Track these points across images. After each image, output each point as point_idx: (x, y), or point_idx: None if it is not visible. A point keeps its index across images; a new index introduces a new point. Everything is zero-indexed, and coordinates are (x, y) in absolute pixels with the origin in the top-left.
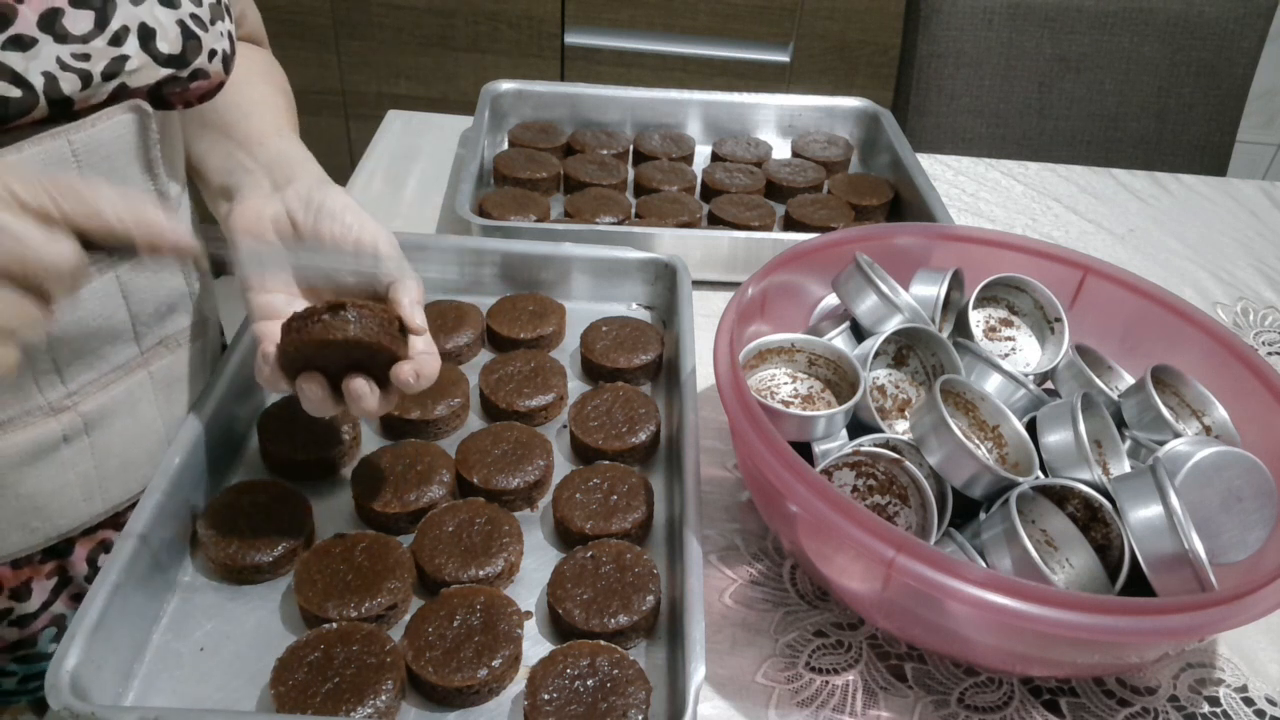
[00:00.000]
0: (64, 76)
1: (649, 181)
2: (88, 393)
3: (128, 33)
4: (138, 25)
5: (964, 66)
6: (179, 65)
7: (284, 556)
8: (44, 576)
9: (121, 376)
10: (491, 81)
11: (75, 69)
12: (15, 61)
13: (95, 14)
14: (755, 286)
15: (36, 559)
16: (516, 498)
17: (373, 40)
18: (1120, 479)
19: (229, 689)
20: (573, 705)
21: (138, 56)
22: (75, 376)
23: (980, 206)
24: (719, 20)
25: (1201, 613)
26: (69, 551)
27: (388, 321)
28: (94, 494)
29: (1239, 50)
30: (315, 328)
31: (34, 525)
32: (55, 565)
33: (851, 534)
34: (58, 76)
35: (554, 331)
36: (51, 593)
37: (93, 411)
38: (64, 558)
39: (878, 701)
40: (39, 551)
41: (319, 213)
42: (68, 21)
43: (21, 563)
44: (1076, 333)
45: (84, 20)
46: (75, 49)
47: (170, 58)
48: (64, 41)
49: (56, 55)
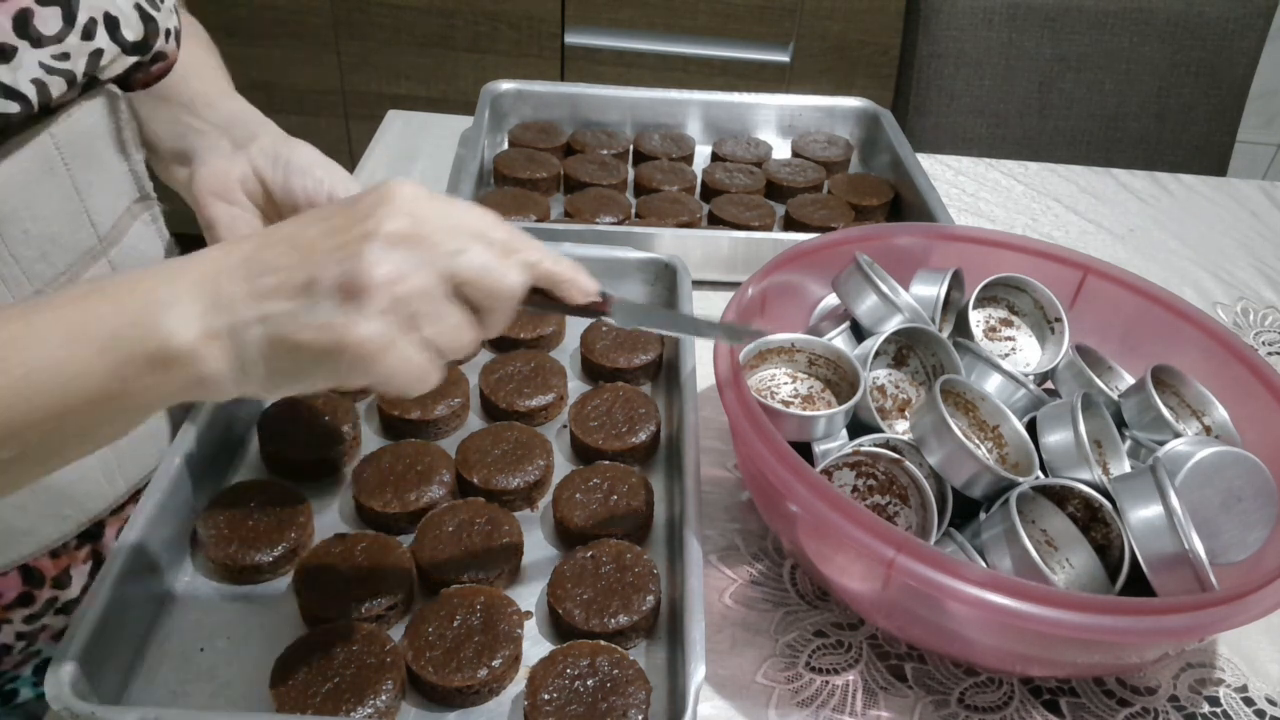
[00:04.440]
0: (52, 81)
1: (649, 181)
2: None
3: (95, 25)
4: (103, 15)
5: (964, 66)
6: (143, 51)
7: (284, 556)
8: (80, 562)
9: None
10: (491, 81)
11: (59, 70)
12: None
13: (61, 9)
14: (755, 286)
15: (72, 545)
16: (516, 498)
17: (373, 40)
18: (1120, 479)
19: (229, 689)
20: (573, 705)
21: (109, 49)
22: None
23: (980, 206)
24: (719, 20)
25: (1201, 613)
26: (100, 534)
27: None
28: (114, 475)
29: (1239, 50)
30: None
31: (66, 513)
32: (89, 550)
33: (851, 534)
34: (46, 82)
35: (554, 331)
36: (90, 576)
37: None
38: (96, 540)
39: (878, 701)
40: (73, 538)
41: (288, 168)
42: (39, 22)
43: (59, 551)
44: (1076, 333)
45: (53, 18)
46: (54, 50)
47: (134, 45)
48: (40, 45)
49: (39, 60)
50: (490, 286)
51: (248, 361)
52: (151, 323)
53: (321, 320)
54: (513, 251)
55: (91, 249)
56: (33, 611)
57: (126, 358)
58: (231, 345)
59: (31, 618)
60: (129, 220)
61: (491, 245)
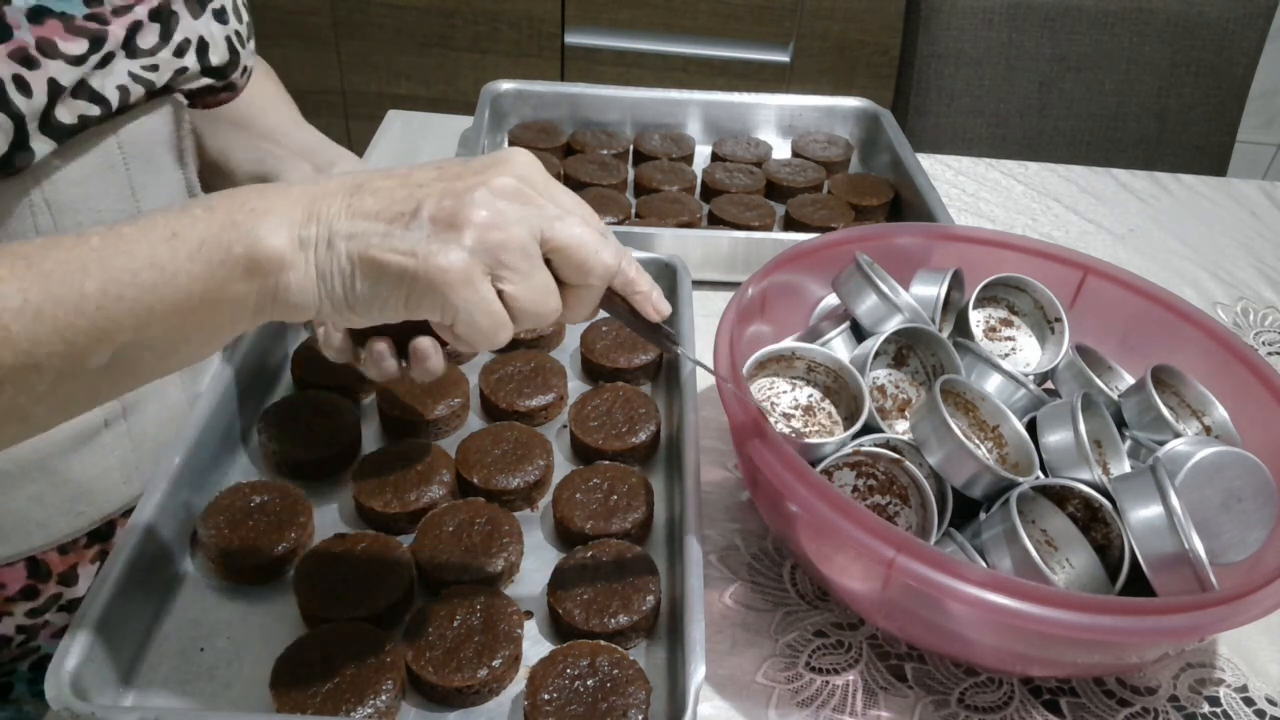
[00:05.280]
0: (133, 89)
1: (649, 181)
2: None
3: (189, 45)
4: (196, 39)
5: (964, 66)
6: (220, 76)
7: (284, 556)
8: (88, 561)
9: None
10: (491, 81)
11: (144, 79)
12: (95, 80)
13: (160, 26)
14: (755, 286)
15: (81, 543)
16: (516, 498)
17: (373, 40)
18: (1120, 479)
19: (229, 689)
20: (573, 705)
21: (193, 68)
22: None
23: (980, 206)
24: (719, 20)
25: (1201, 613)
26: (110, 534)
27: None
28: (132, 476)
29: (1239, 50)
30: None
31: (80, 509)
32: (98, 549)
33: (851, 534)
34: (129, 89)
35: (554, 331)
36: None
37: (130, 396)
38: (105, 540)
39: (878, 701)
40: (83, 535)
41: None
42: (140, 36)
43: (68, 548)
44: (1076, 333)
45: (152, 34)
46: (145, 62)
47: (216, 69)
48: (134, 56)
49: (128, 69)
50: (583, 259)
51: (329, 275)
52: (247, 226)
53: (410, 245)
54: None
55: None
56: (36, 606)
57: (220, 260)
58: (317, 257)
59: (34, 612)
60: None
61: (589, 223)
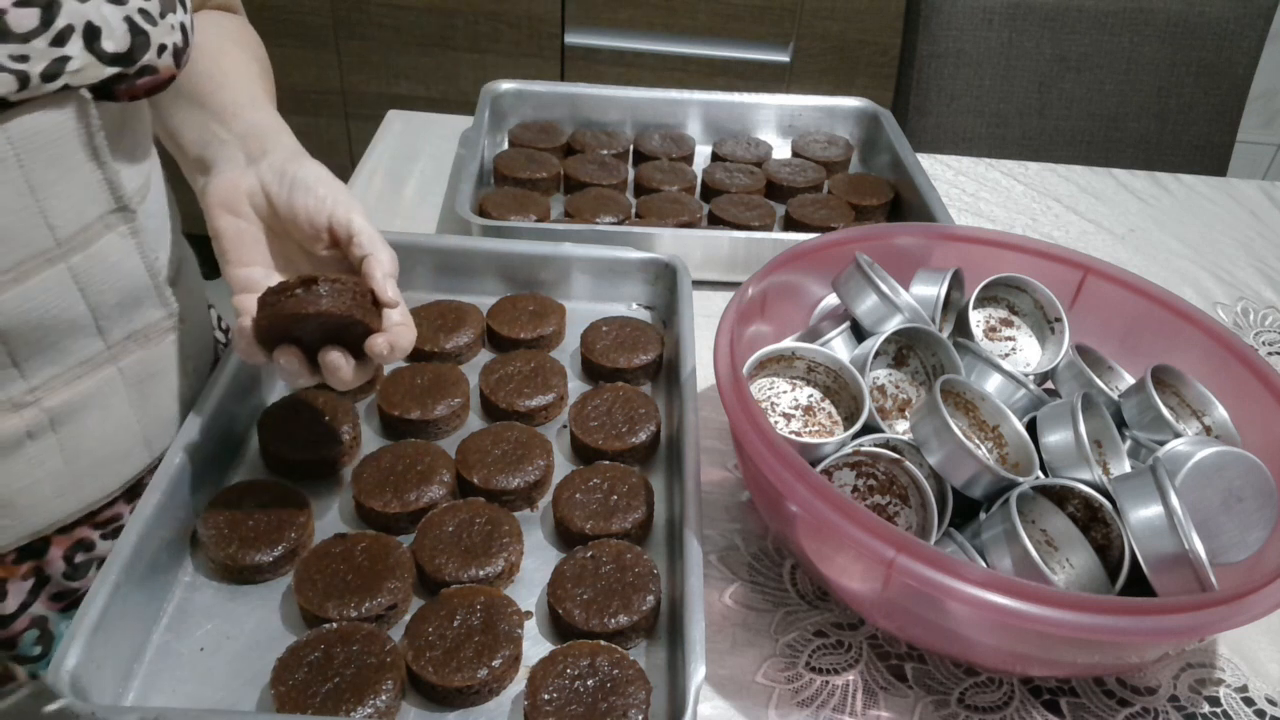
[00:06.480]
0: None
1: (649, 181)
2: (52, 388)
3: (71, 31)
4: (83, 24)
5: (964, 66)
6: (126, 64)
7: (284, 556)
8: (19, 577)
9: (89, 372)
10: (491, 81)
11: (12, 70)
12: None
13: (41, 12)
14: (755, 286)
15: (10, 558)
16: (516, 498)
17: (373, 40)
18: (1120, 479)
19: (229, 689)
20: (573, 705)
21: (80, 56)
22: (36, 371)
23: (980, 206)
24: (719, 20)
25: (1201, 613)
26: (45, 551)
27: (360, 295)
28: (66, 491)
29: (1239, 50)
30: (289, 302)
31: (3, 524)
32: (32, 566)
33: (851, 534)
34: None
35: (554, 331)
36: (29, 594)
37: (59, 407)
38: (40, 557)
39: (878, 701)
40: (13, 551)
41: (293, 185)
42: (10, 20)
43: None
44: (1076, 333)
45: (28, 19)
46: (13, 49)
47: (116, 56)
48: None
49: None
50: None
51: None
52: None
53: None
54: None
55: (47, 250)
56: None
57: None
58: None
59: None
60: (101, 229)
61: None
